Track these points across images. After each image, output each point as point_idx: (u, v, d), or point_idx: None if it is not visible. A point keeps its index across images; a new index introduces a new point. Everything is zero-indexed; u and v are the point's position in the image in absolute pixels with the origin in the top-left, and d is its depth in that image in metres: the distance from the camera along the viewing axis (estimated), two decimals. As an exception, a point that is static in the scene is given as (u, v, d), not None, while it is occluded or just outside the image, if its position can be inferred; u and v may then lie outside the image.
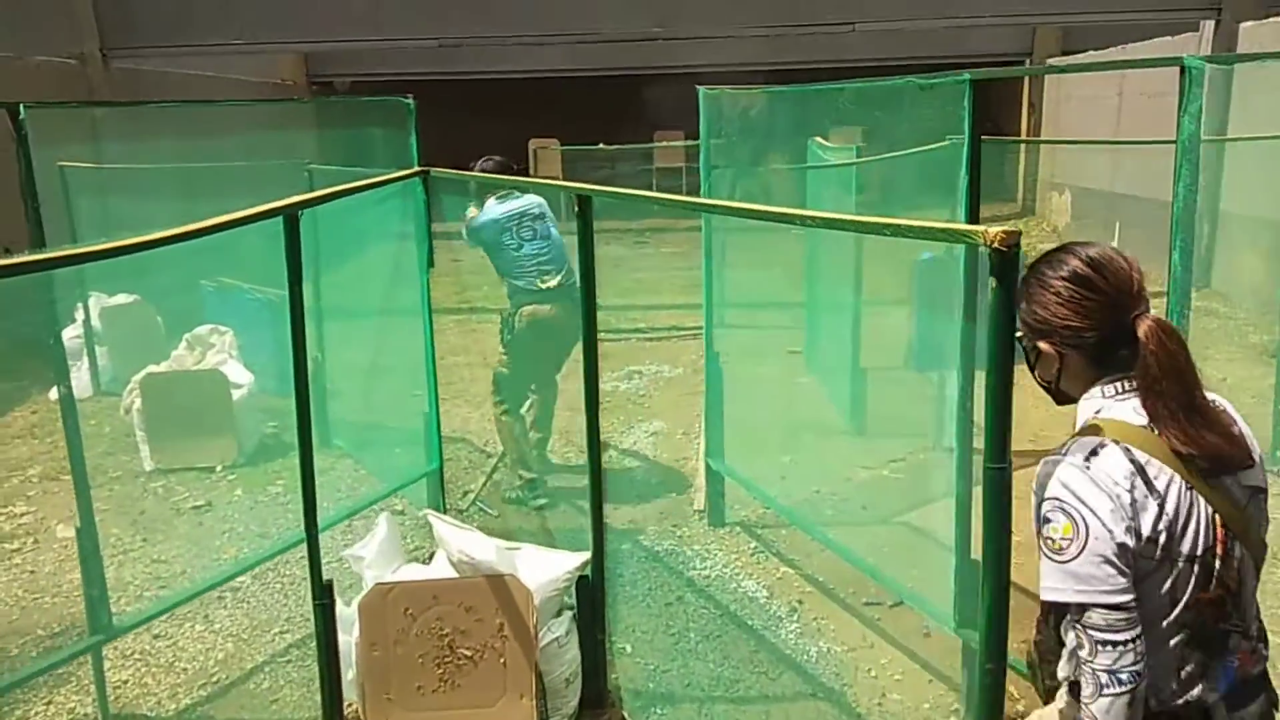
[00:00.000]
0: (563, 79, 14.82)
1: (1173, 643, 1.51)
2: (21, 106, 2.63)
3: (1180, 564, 1.48)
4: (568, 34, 9.32)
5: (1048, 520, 1.50)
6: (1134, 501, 1.45)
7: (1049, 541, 1.49)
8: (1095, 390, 1.58)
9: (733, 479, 4.29)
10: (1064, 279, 1.56)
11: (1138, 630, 1.45)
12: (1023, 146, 14.21)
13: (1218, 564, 1.50)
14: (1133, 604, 1.45)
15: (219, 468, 5.35)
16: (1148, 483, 1.47)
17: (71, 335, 6.86)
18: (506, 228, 4.75)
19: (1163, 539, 1.46)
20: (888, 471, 5.02)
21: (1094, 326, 1.54)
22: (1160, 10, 9.12)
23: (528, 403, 4.96)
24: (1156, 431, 1.49)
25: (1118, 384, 1.55)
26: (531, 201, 4.83)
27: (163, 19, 9.12)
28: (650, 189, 16.31)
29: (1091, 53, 12.55)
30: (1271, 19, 8.39)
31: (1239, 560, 1.53)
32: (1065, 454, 1.52)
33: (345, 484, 5.10)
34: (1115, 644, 1.44)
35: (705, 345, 4.36)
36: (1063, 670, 1.55)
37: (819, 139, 6.64)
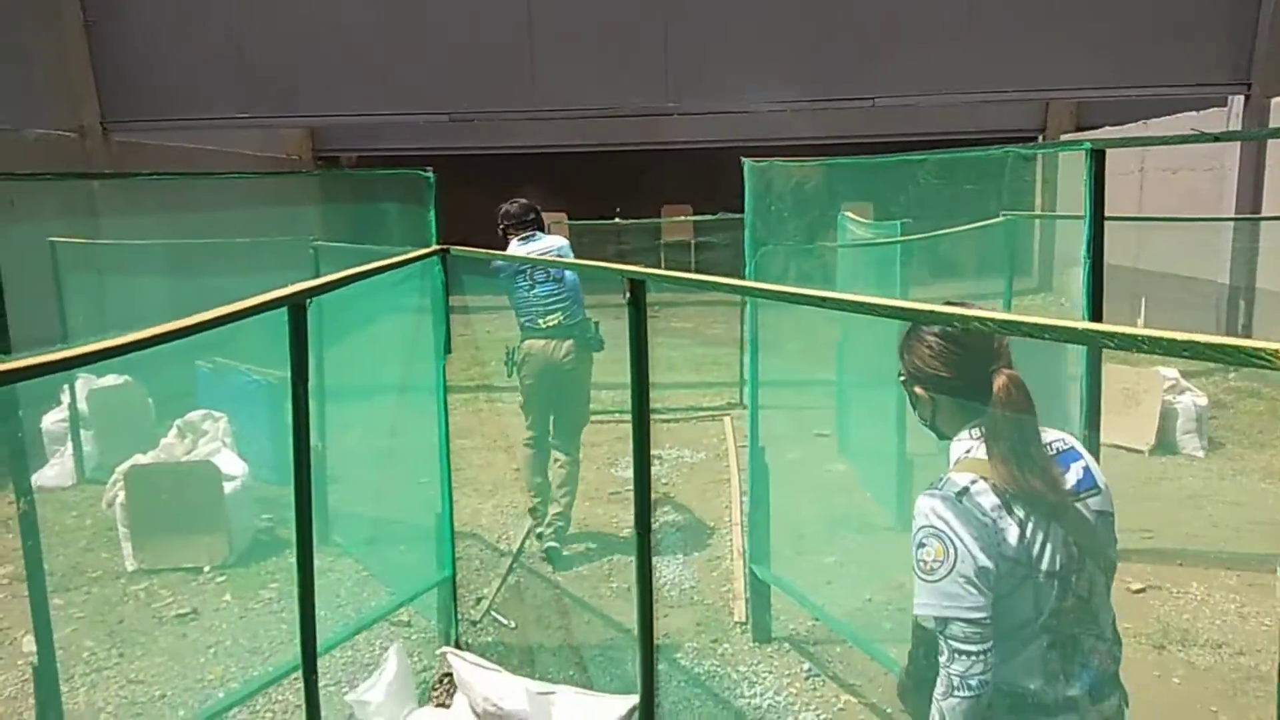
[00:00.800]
0: (570, 153, 14.70)
1: (1040, 647, 1.71)
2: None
3: (1041, 579, 1.69)
4: (581, 109, 9.12)
5: (922, 545, 1.70)
6: (999, 530, 1.67)
7: (922, 563, 1.70)
8: (964, 433, 1.79)
9: (781, 589, 3.83)
10: (936, 334, 1.80)
11: (989, 645, 1.66)
12: (1037, 221, 13.99)
13: (1073, 578, 1.71)
14: (988, 620, 1.65)
15: (207, 568, 4.89)
16: (1010, 513, 1.68)
17: (56, 419, 6.47)
18: (522, 269, 4.92)
19: (1024, 559, 1.67)
20: (944, 575, 4.56)
21: (959, 376, 1.78)
22: (1188, 85, 8.93)
23: (555, 461, 5.14)
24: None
25: (983, 427, 1.75)
26: (551, 245, 5.08)
27: (165, 91, 8.90)
28: (659, 264, 16.09)
29: (1108, 128, 12.41)
30: (1304, 93, 8.20)
31: (1090, 574, 1.74)
32: (941, 488, 1.72)
33: (346, 588, 4.63)
34: (969, 654, 1.65)
35: (750, 437, 3.95)
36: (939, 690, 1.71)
37: (849, 213, 6.35)
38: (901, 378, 1.90)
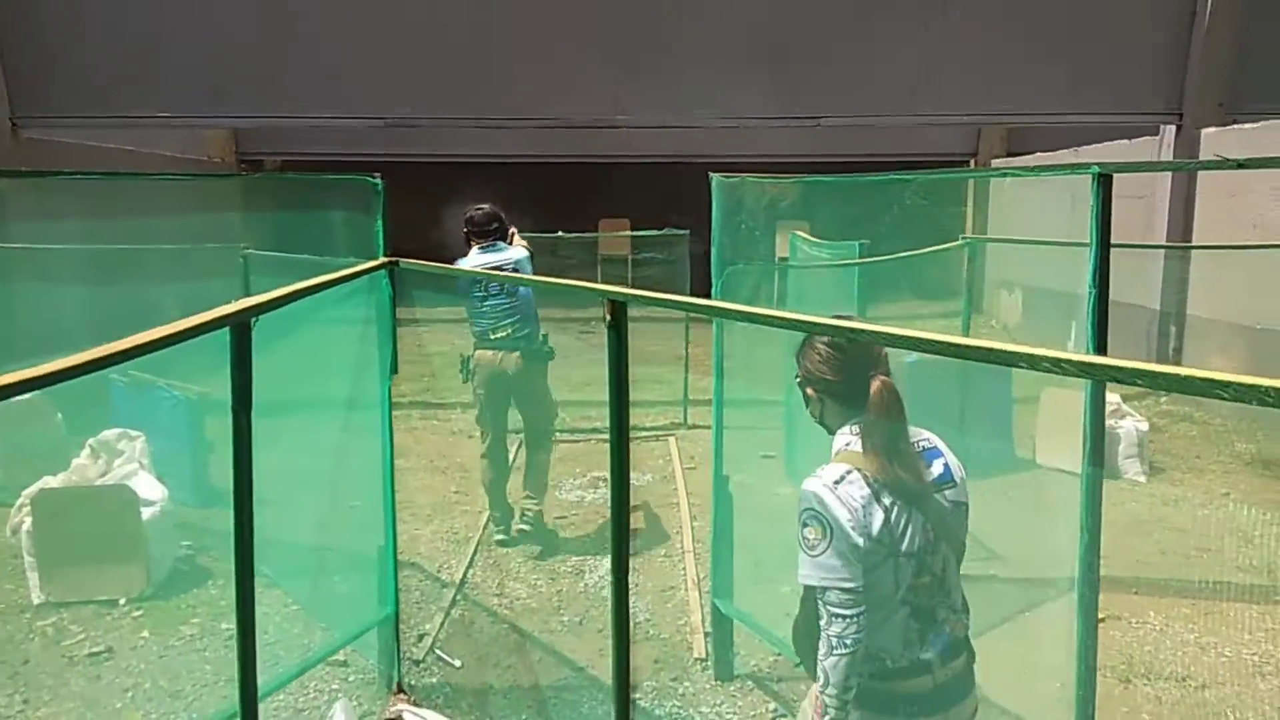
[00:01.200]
0: (507, 164, 14.44)
1: (900, 616, 1.97)
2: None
3: (901, 558, 1.95)
4: (528, 118, 8.90)
5: (806, 524, 2.00)
6: (867, 514, 1.94)
7: (805, 540, 2.00)
8: (845, 428, 2.07)
9: (743, 623, 3.67)
10: (825, 343, 2.08)
11: (862, 609, 1.92)
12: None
13: (928, 558, 1.98)
14: (860, 589, 1.92)
15: (123, 601, 4.51)
16: (878, 500, 1.95)
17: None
18: (478, 279, 5.03)
19: (887, 540, 1.94)
20: (904, 606, 4.44)
21: (843, 380, 2.06)
22: (1121, 114, 9.12)
23: (514, 454, 5.35)
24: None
25: (861, 425, 2.03)
26: (509, 257, 5.18)
27: (81, 87, 8.39)
28: (596, 278, 15.90)
29: (1040, 154, 12.65)
30: (1234, 125, 8.41)
31: (944, 555, 2.02)
32: (821, 476, 2.01)
33: (274, 623, 4.30)
34: (845, 617, 1.91)
35: (714, 463, 3.78)
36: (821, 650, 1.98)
37: (800, 232, 6.26)
38: (797, 379, 2.19)
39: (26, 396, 6.02)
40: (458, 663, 3.94)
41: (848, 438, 2.05)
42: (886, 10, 8.69)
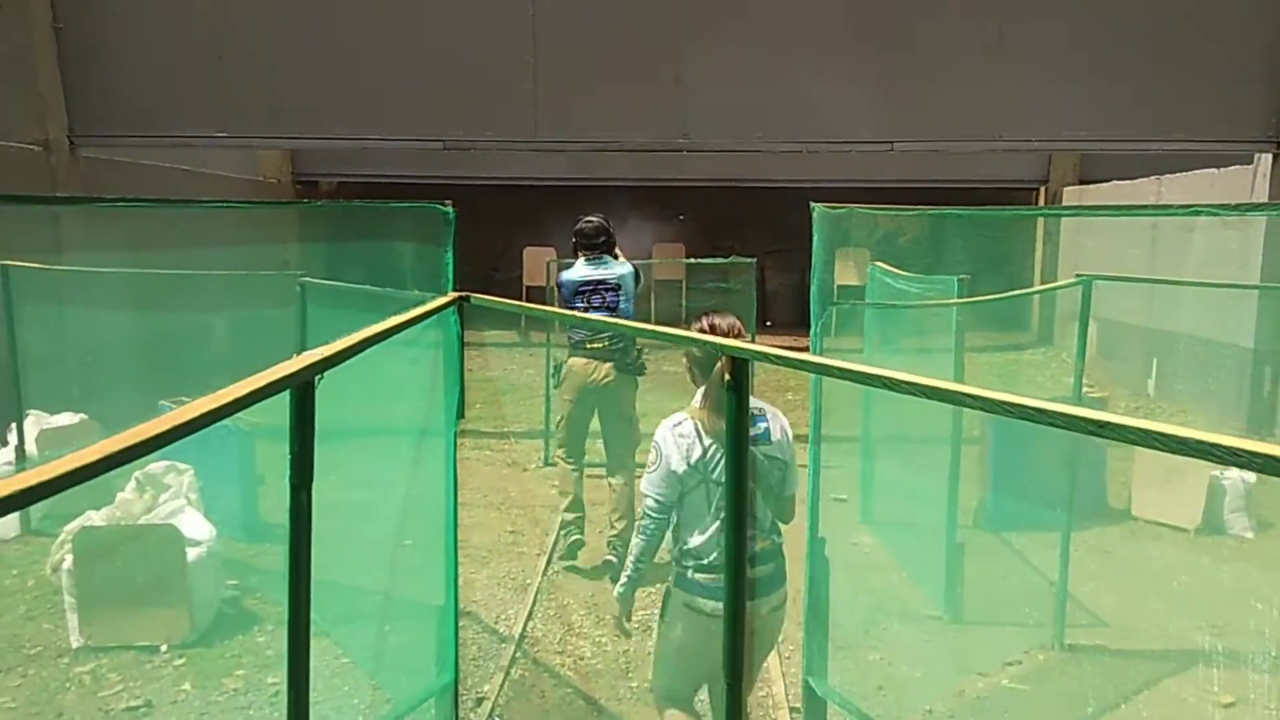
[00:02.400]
0: (561, 187, 14.24)
1: (713, 529, 2.73)
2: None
3: (712, 485, 2.74)
4: (584, 141, 8.63)
5: (650, 451, 2.82)
6: (689, 449, 2.75)
7: (648, 463, 2.83)
8: (699, 391, 2.88)
9: (841, 707, 3.29)
10: (698, 329, 2.89)
11: (666, 516, 2.80)
12: (1037, 272, 13.69)
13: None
14: (670, 502, 2.78)
15: (164, 648, 4.25)
16: (700, 440, 2.75)
17: (1, 461, 5.82)
18: (581, 291, 5.30)
19: (702, 469, 2.74)
20: (1007, 680, 4.04)
21: (703, 357, 2.86)
22: (1208, 141, 8.61)
23: (609, 486, 5.34)
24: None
25: (705, 390, 2.84)
26: (614, 273, 5.34)
27: (138, 107, 8.29)
28: (650, 304, 15.60)
29: (1116, 183, 12.14)
30: (1340, 154, 7.89)
31: (751, 490, 2.71)
32: (669, 420, 2.82)
33: (323, 678, 4.01)
34: (650, 517, 2.81)
35: (809, 526, 3.41)
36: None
37: (881, 264, 5.90)
38: (685, 359, 3.00)
39: (73, 421, 5.82)
40: (519, 733, 3.61)
41: (697, 398, 2.86)
42: (957, 31, 8.32)
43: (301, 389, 1.64)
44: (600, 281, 5.31)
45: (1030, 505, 5.45)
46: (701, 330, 2.84)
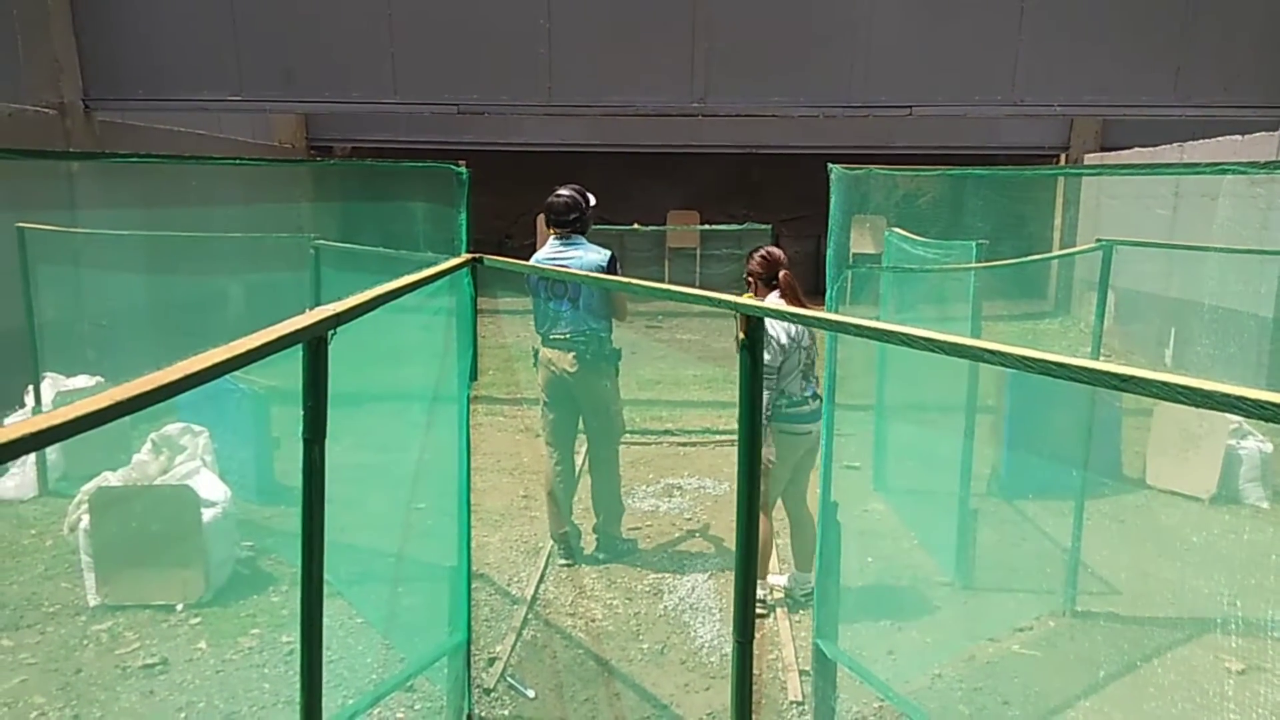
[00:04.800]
0: (575, 153, 14.15)
1: (797, 374, 4.15)
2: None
3: (800, 350, 4.17)
4: (599, 105, 8.56)
5: None
6: (786, 327, 4.07)
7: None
8: (772, 296, 4.23)
9: (851, 669, 3.30)
10: (760, 255, 4.35)
11: (775, 374, 4.10)
12: (1057, 239, 13.54)
13: (803, 353, 4.18)
14: (774, 366, 4.09)
15: (180, 607, 4.30)
16: (786, 327, 4.10)
17: (16, 422, 5.85)
18: (545, 277, 4.69)
19: (796, 339, 4.14)
20: (1018, 646, 4.04)
21: (765, 274, 4.29)
22: (1232, 106, 8.47)
23: (580, 464, 5.11)
24: None
25: (777, 294, 4.24)
26: (584, 262, 4.69)
27: (154, 69, 8.27)
28: (664, 273, 15.53)
29: (1138, 150, 11.97)
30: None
31: (807, 354, 4.20)
32: None
33: (337, 638, 4.05)
34: (767, 375, 3.98)
35: (822, 487, 3.40)
36: None
37: (899, 229, 5.84)
38: (747, 277, 4.37)
39: (90, 384, 5.84)
40: (531, 693, 3.64)
41: (772, 298, 4.20)
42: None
43: (315, 344, 1.64)
44: (565, 268, 4.66)
45: (1044, 473, 5.43)
46: (764, 257, 4.32)
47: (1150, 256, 10.96)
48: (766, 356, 4.02)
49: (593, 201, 4.87)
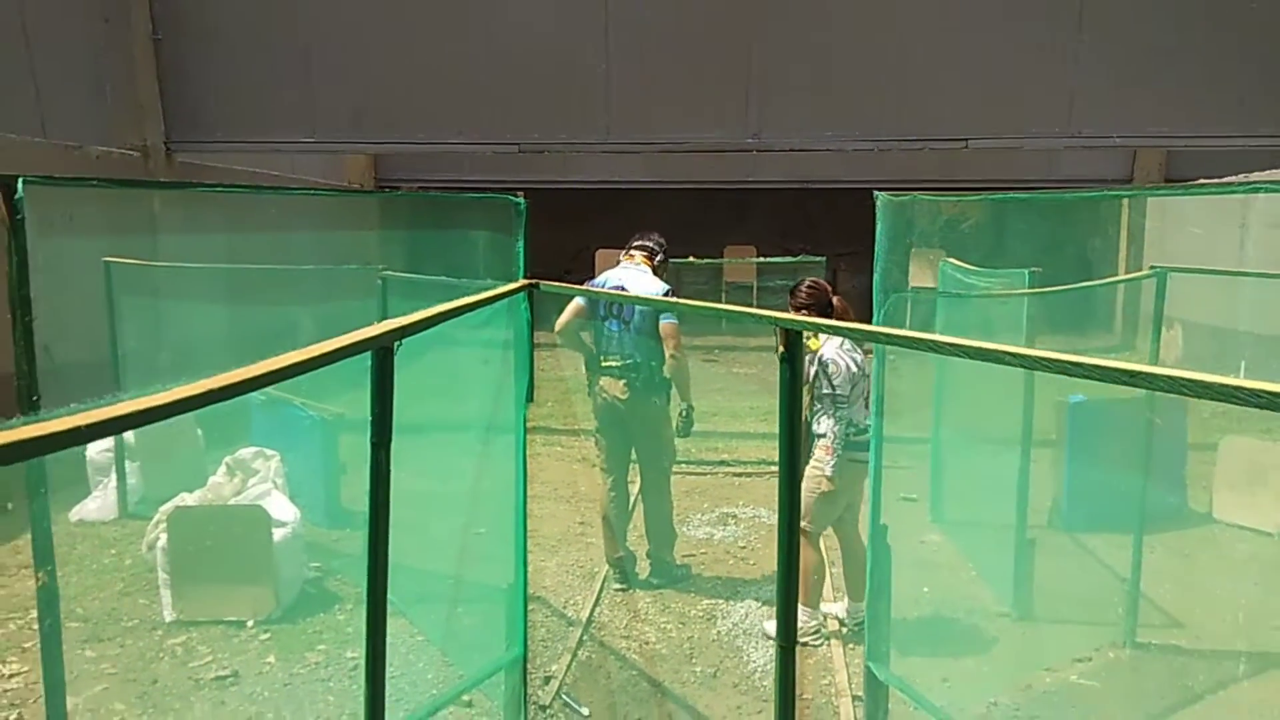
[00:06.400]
0: (633, 189, 14.39)
1: (860, 404, 4.19)
2: (20, 182, 1.84)
3: (864, 380, 4.19)
4: (656, 142, 8.74)
5: (829, 365, 4.18)
6: (852, 356, 4.22)
7: (830, 373, 4.17)
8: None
9: (905, 693, 3.31)
10: (805, 286, 4.39)
11: (845, 403, 4.15)
12: (1121, 273, 13.31)
13: (865, 382, 4.22)
14: (845, 394, 4.15)
15: (251, 623, 4.47)
16: (855, 350, 4.28)
17: (101, 449, 6.14)
18: (598, 301, 4.75)
19: (860, 369, 4.21)
20: (1076, 676, 3.99)
21: (815, 303, 4.31)
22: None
23: (634, 490, 5.11)
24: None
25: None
26: (637, 287, 4.74)
27: (232, 113, 8.69)
28: (721, 304, 15.63)
29: (1203, 181, 11.78)
30: None
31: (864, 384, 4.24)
32: (830, 343, 4.21)
33: (399, 654, 4.17)
34: (840, 406, 4.16)
35: (871, 512, 3.44)
36: (820, 428, 4.21)
37: (952, 259, 5.86)
38: (797, 312, 4.21)
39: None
40: (586, 711, 3.70)
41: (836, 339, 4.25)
42: (1035, 25, 8.20)
43: (382, 353, 1.76)
44: (622, 288, 4.76)
45: (1106, 505, 5.36)
46: (811, 287, 4.36)
47: (1217, 289, 10.75)
48: (836, 383, 4.12)
49: (662, 241, 5.04)
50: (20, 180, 1.84)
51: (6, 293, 1.98)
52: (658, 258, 4.95)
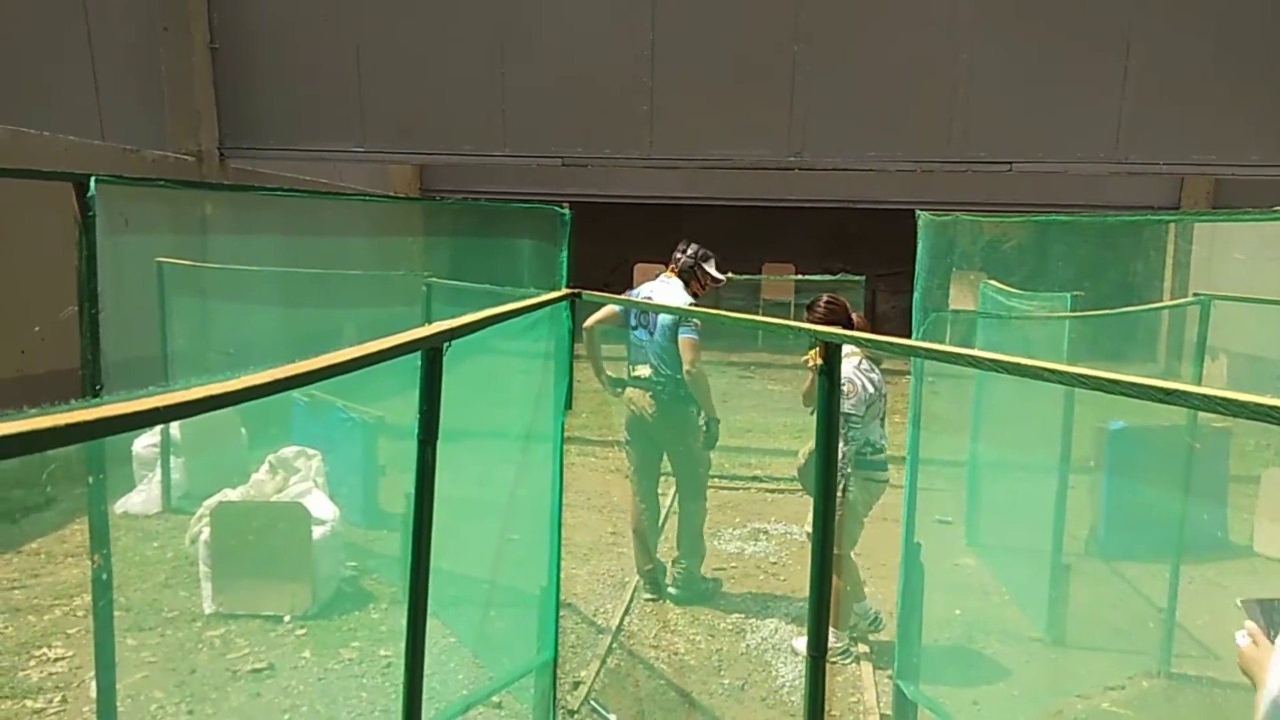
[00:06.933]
0: (673, 205, 14.45)
1: (876, 423, 4.26)
2: (92, 181, 1.93)
3: (881, 399, 4.25)
4: (697, 159, 8.81)
5: (845, 384, 4.03)
6: (869, 375, 4.17)
7: (846, 393, 4.01)
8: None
9: (934, 711, 3.30)
10: (823, 303, 4.35)
11: (859, 423, 4.10)
12: (1166, 301, 13.13)
13: (881, 402, 4.27)
14: (860, 415, 4.10)
15: (288, 618, 4.56)
16: (872, 370, 4.23)
17: (147, 444, 6.30)
18: (631, 311, 4.79)
19: (877, 388, 4.20)
20: (1108, 705, 3.95)
21: (834, 320, 4.17)
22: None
23: (667, 503, 5.10)
24: None
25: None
26: (663, 297, 4.76)
27: (284, 122, 8.91)
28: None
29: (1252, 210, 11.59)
30: None
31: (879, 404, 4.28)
32: (849, 363, 4.13)
33: (431, 655, 4.22)
34: (855, 426, 4.09)
35: (905, 530, 3.45)
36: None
37: (993, 281, 5.84)
38: (810, 319, 4.25)
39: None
40: (613, 718, 3.73)
41: (849, 347, 3.84)
42: (1082, 49, 8.17)
43: (431, 353, 1.82)
44: (649, 299, 4.75)
45: (1144, 534, 5.30)
46: (829, 304, 4.30)
47: (1263, 318, 10.57)
48: (849, 405, 4.02)
49: (698, 253, 4.92)
50: (93, 179, 1.94)
51: (76, 290, 2.08)
52: (682, 265, 4.90)
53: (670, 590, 5.01)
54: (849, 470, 4.10)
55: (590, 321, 4.82)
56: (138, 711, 3.70)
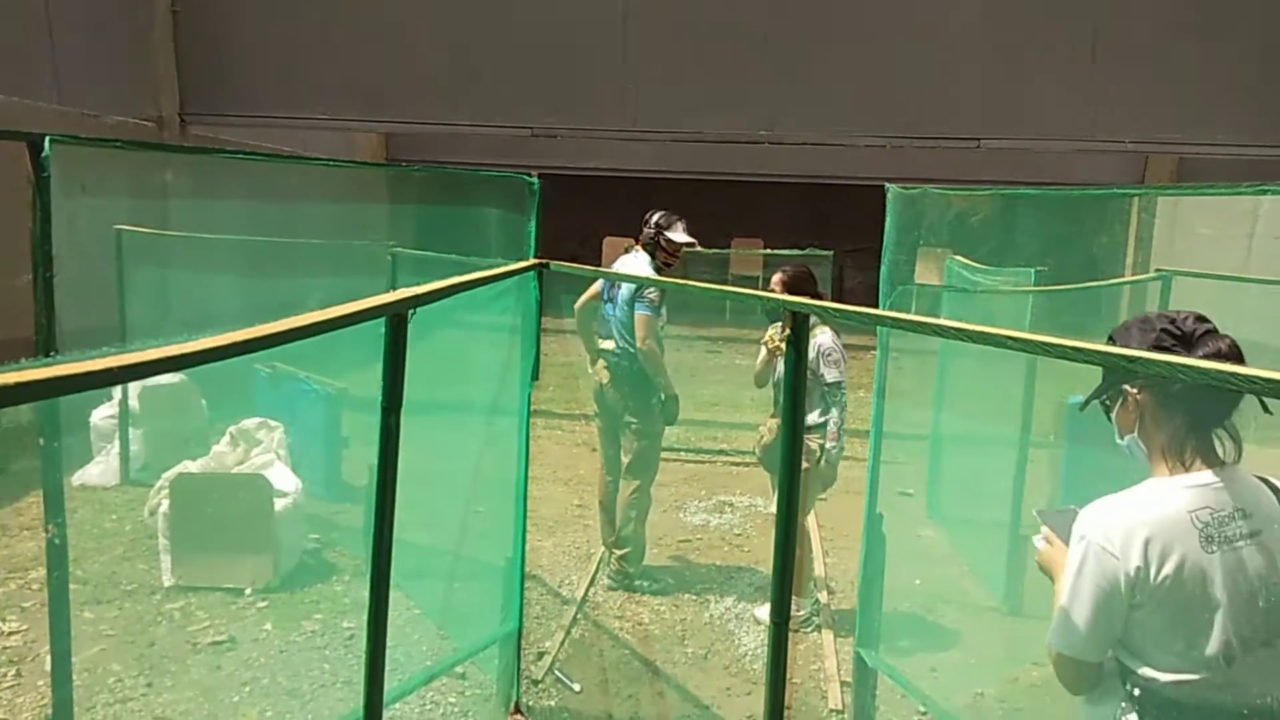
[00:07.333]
0: (643, 178, 14.39)
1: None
2: (47, 140, 1.88)
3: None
4: (669, 131, 8.76)
5: (832, 354, 4.30)
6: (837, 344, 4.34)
7: (835, 363, 4.28)
8: (824, 331, 4.35)
9: (892, 679, 3.35)
10: (788, 273, 4.44)
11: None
12: (1127, 278, 13.31)
13: None
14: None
15: (249, 591, 4.52)
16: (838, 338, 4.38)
17: (105, 415, 6.20)
18: (609, 282, 4.72)
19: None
20: (1063, 672, 4.03)
21: (798, 291, 4.20)
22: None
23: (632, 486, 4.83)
24: None
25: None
26: (629, 269, 4.70)
27: (247, 88, 8.73)
28: (726, 300, 15.65)
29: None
30: None
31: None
32: (826, 332, 4.29)
33: (395, 626, 4.20)
34: (843, 393, 4.34)
35: (868, 501, 3.48)
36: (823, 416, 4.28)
37: (959, 257, 5.89)
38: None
39: (175, 379, 6.17)
40: (577, 687, 3.76)
41: (826, 330, 4.32)
42: (1052, 28, 8.21)
43: (396, 320, 1.80)
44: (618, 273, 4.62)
45: (1101, 508, 5.40)
46: (794, 272, 4.25)
47: (1223, 295, 10.75)
48: (838, 373, 4.21)
49: (659, 221, 4.76)
50: (48, 139, 1.89)
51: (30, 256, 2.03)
52: (645, 238, 4.75)
53: (604, 581, 4.85)
54: (842, 443, 4.24)
55: (579, 302, 4.80)
56: (95, 684, 3.66)
